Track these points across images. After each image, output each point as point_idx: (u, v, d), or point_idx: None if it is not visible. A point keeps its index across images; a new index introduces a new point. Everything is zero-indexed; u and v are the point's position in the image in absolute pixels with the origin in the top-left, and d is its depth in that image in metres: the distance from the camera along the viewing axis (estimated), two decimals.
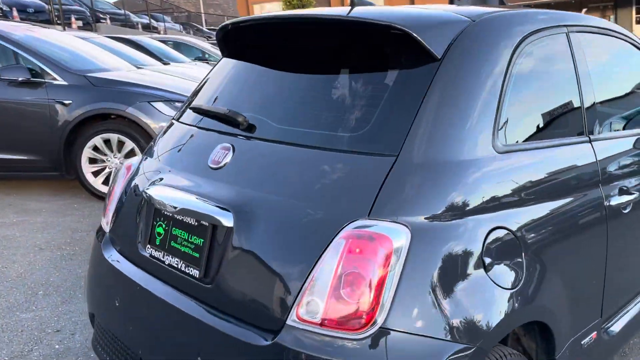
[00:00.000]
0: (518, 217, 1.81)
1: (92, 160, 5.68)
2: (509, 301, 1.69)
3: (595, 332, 2.27)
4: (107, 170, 5.69)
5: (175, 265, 1.93)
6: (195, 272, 1.85)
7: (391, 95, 1.78)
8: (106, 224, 2.39)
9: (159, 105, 5.61)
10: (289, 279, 1.63)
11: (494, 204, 1.75)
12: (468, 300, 1.61)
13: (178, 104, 5.71)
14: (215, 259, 1.81)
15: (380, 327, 1.50)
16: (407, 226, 1.57)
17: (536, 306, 1.80)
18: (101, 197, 5.71)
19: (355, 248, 1.55)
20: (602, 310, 2.29)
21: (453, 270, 1.60)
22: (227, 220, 1.79)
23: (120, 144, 5.61)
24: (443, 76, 1.77)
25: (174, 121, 2.46)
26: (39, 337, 3.13)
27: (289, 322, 1.59)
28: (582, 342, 2.17)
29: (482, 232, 1.69)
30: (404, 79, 1.80)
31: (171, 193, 2.00)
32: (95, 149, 5.63)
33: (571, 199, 2.04)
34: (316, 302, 1.56)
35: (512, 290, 1.71)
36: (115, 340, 2.16)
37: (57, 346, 3.05)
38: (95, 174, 5.71)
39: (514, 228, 1.78)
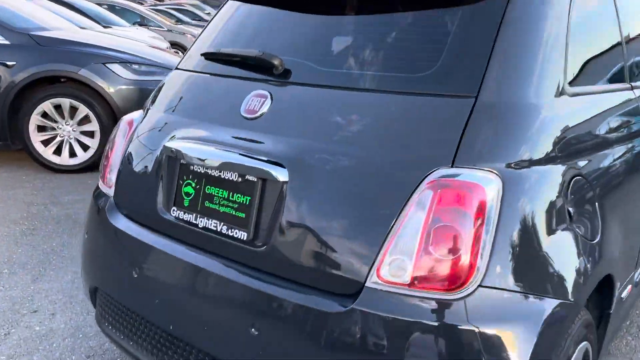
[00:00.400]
0: (590, 164, 1.70)
1: (41, 128, 5.21)
2: (594, 253, 1.58)
3: (630, 285, 2.22)
4: (58, 138, 5.23)
5: (214, 228, 1.70)
6: (242, 235, 1.63)
7: (460, 30, 1.60)
8: (109, 187, 2.11)
9: (115, 67, 5.20)
10: (363, 236, 1.45)
11: (572, 151, 1.62)
12: (561, 253, 1.48)
13: (136, 66, 5.31)
14: (267, 218, 1.60)
15: (479, 285, 1.35)
16: (497, 174, 1.42)
17: (609, 258, 1.71)
18: (53, 169, 5.27)
19: (446, 199, 1.38)
20: (637, 262, 2.25)
21: (544, 222, 1.46)
22: (280, 173, 1.58)
23: (73, 109, 5.17)
24: (514, 10, 1.61)
25: (177, 70, 2.19)
26: (15, 319, 2.80)
27: (368, 284, 1.41)
28: (622, 296, 2.12)
29: (565, 180, 1.56)
30: (472, 12, 1.62)
31: (203, 147, 1.76)
32: (45, 115, 5.16)
33: (623, 145, 1.95)
34: (402, 261, 1.38)
35: (594, 242, 1.60)
36: (133, 316, 1.92)
37: (37, 328, 2.73)
38: (45, 143, 5.24)
39: (587, 175, 1.66)
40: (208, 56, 2.03)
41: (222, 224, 1.68)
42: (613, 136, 1.86)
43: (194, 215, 1.76)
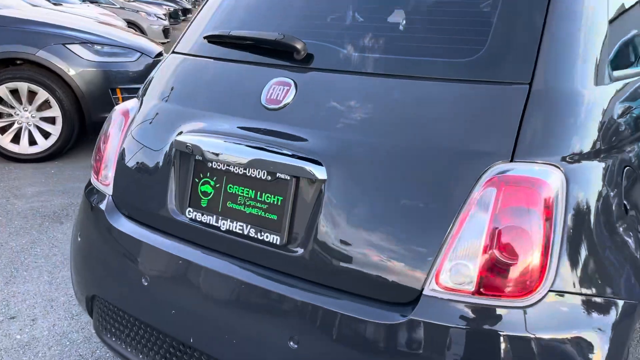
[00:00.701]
0: (635, 153, 1.61)
1: None
2: None
3: None
4: (16, 125, 4.88)
5: (239, 232, 1.54)
6: (274, 239, 1.48)
7: (506, 10, 1.47)
8: (105, 185, 1.91)
9: (76, 48, 4.87)
10: (417, 239, 1.32)
11: (622, 140, 1.53)
12: (624, 249, 1.40)
13: (98, 47, 4.99)
14: (303, 220, 1.45)
15: (549, 290, 1.25)
16: (560, 168, 1.31)
17: None
18: (11, 158, 4.92)
19: (511, 197, 1.27)
20: None
21: (605, 218, 1.37)
22: (318, 171, 1.43)
23: (32, 94, 4.82)
24: None
25: (175, 54, 1.99)
26: None
27: (426, 291, 1.29)
28: None
29: (619, 171, 1.47)
30: None
31: (223, 142, 1.59)
32: (0, 101, 4.80)
33: None
34: (465, 266, 1.27)
35: None
36: (142, 327, 1.74)
37: (18, 336, 2.51)
38: (2, 130, 4.89)
39: (634, 164, 1.58)
40: (213, 39, 1.84)
41: (249, 226, 1.53)
42: None
43: (214, 217, 1.59)
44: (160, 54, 5.52)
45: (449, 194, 1.32)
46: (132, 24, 11.07)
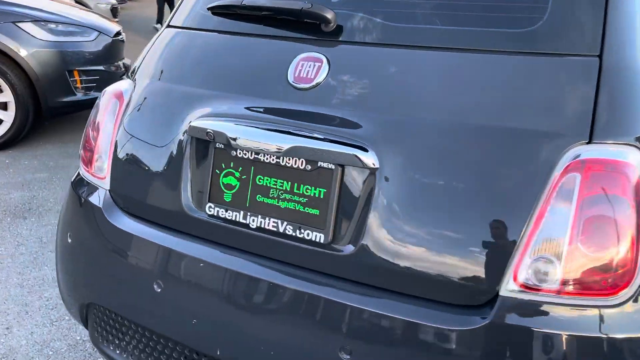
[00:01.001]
0: None
1: None
2: None
3: None
4: None
5: (273, 229, 1.36)
6: (316, 236, 1.30)
7: None
8: (99, 178, 1.68)
9: (28, 27, 4.50)
10: (489, 232, 1.17)
11: None
12: None
13: (53, 26, 4.62)
14: (352, 215, 1.28)
15: None
16: (638, 148, 1.18)
17: None
18: None
19: (597, 183, 1.13)
20: None
21: None
22: (369, 158, 1.26)
23: None
24: None
25: (172, 28, 1.76)
26: None
27: (503, 292, 1.15)
28: None
29: None
30: None
31: (250, 127, 1.39)
32: None
33: None
34: (547, 262, 1.13)
35: None
36: (154, 337, 1.54)
37: None
38: None
39: None
40: (219, 10, 1.62)
41: (285, 223, 1.34)
42: None
43: (242, 212, 1.40)
44: (118, 33, 5.19)
45: (523, 181, 1.17)
46: (77, 2, 10.44)
